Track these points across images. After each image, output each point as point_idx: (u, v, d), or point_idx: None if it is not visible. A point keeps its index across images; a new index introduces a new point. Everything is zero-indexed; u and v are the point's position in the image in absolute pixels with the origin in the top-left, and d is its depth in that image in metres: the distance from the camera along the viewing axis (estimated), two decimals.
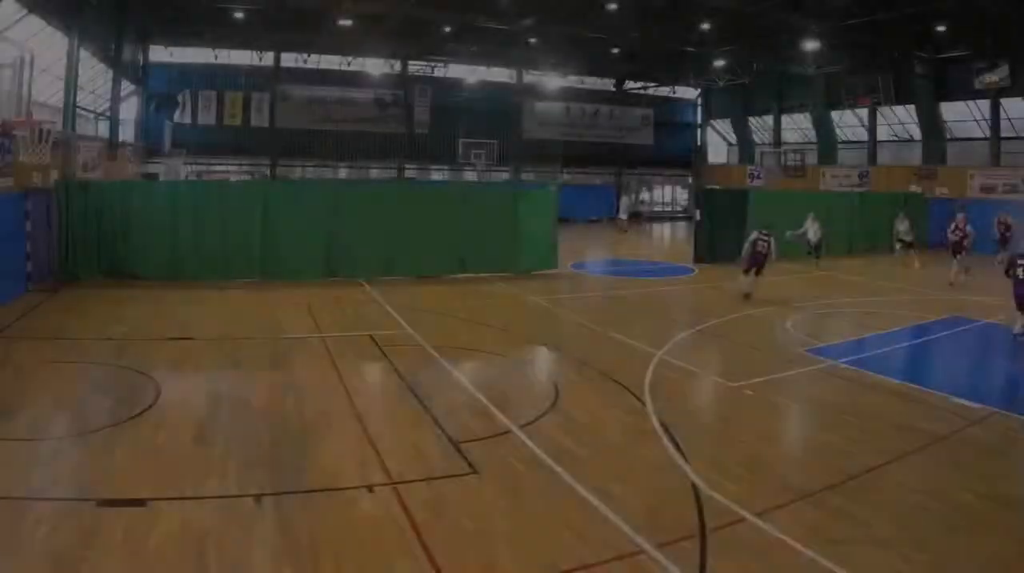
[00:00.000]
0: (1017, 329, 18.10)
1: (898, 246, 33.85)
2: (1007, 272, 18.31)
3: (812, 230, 31.68)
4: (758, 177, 59.17)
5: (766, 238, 23.41)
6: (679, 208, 66.79)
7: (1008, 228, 33.36)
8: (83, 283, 23.59)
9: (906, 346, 18.45)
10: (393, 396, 13.65)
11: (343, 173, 56.86)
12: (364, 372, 15.35)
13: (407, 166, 57.89)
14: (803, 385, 14.88)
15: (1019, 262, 17.62)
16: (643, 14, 42.20)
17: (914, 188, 46.09)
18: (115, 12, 38.32)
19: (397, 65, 56.89)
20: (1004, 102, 44.17)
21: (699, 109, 69.43)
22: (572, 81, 62.53)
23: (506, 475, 10.11)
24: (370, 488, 9.55)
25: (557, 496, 9.51)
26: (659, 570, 7.81)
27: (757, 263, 23.42)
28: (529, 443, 11.21)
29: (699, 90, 67.05)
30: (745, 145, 64.53)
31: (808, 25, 40.79)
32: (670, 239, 50.20)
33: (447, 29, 47.97)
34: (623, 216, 51.92)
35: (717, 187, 50.87)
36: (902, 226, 33.66)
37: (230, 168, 53.90)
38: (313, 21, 46.72)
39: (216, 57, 51.99)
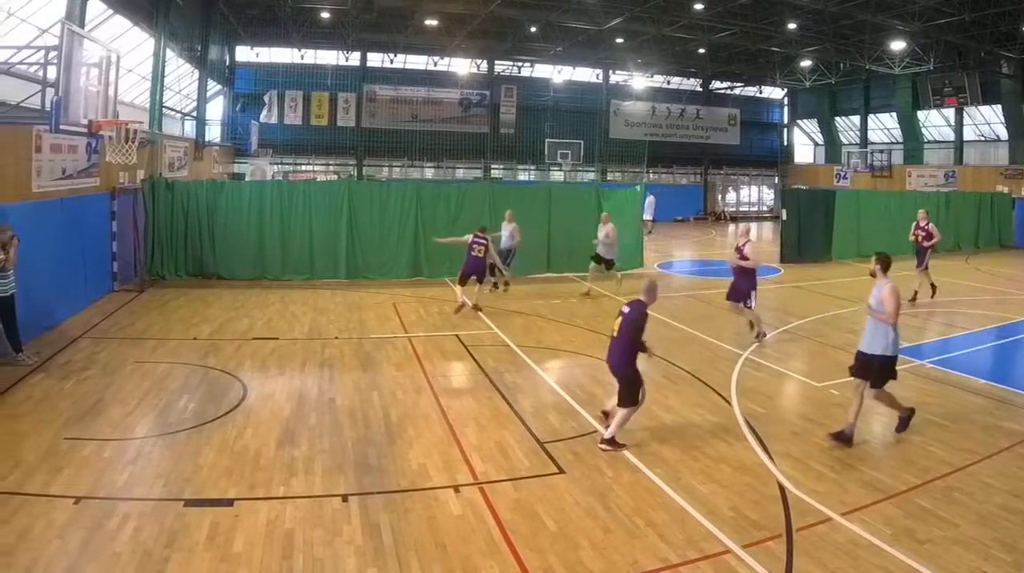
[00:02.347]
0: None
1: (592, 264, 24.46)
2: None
3: (506, 234, 24.63)
4: (844, 177, 58.82)
5: (483, 241, 20.49)
6: (765, 208, 66.16)
7: (929, 236, 24.01)
8: (169, 283, 24.07)
9: (992, 346, 18.16)
10: (479, 396, 13.68)
11: (429, 173, 57.43)
12: (450, 372, 15.41)
13: (493, 166, 58.23)
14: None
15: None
16: (729, 14, 41.91)
17: (1001, 188, 45.41)
18: (201, 12, 39.15)
19: (483, 65, 57.18)
20: None
21: (785, 109, 69.14)
22: (658, 81, 62.40)
23: (591, 475, 10.16)
24: (456, 488, 9.63)
25: (642, 496, 9.55)
26: (745, 570, 7.83)
27: (475, 271, 20.48)
28: None
29: (785, 90, 66.69)
30: (831, 145, 64.10)
31: (894, 25, 40.27)
32: (756, 239, 49.48)
33: (533, 29, 47.98)
34: (647, 217, 50.95)
35: (803, 187, 50.52)
36: (601, 232, 24.12)
37: (316, 168, 54.83)
38: (399, 21, 47.25)
39: (302, 57, 52.78)
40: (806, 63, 54.43)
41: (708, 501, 9.37)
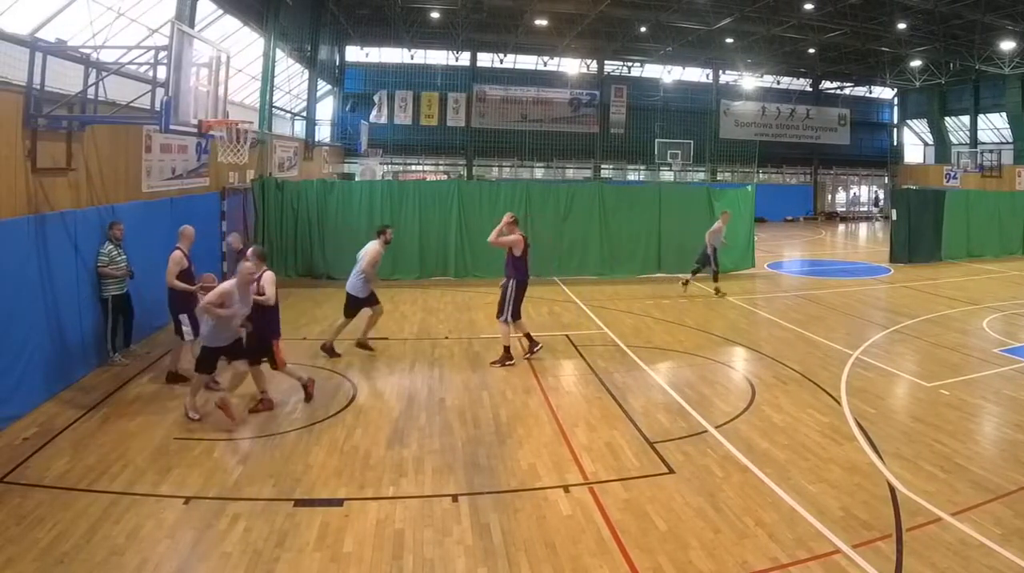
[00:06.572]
0: None
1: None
2: None
3: (717, 238, 24.07)
4: (954, 177, 57.78)
5: None
6: (875, 208, 65.27)
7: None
8: (278, 282, 24.16)
9: None
10: (589, 396, 13.66)
11: (539, 173, 57.83)
12: (560, 372, 15.36)
13: (603, 166, 58.38)
14: (999, 385, 14.59)
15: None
16: (839, 14, 41.93)
17: None
18: (311, 12, 39.81)
19: (592, 65, 57.37)
20: None
21: (895, 109, 68.19)
22: (768, 81, 61.84)
23: (701, 475, 10.12)
24: (566, 488, 9.63)
25: (752, 496, 9.51)
26: (855, 570, 7.79)
27: None
28: (725, 443, 11.25)
29: (895, 90, 65.86)
30: (941, 145, 63.13)
31: (1004, 25, 40.03)
32: (866, 239, 48.95)
33: (643, 29, 48.11)
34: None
35: (913, 187, 49.84)
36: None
37: (426, 168, 55.60)
38: (509, 21, 47.61)
39: (412, 57, 53.53)
40: (916, 63, 53.94)
41: (818, 501, 9.35)
